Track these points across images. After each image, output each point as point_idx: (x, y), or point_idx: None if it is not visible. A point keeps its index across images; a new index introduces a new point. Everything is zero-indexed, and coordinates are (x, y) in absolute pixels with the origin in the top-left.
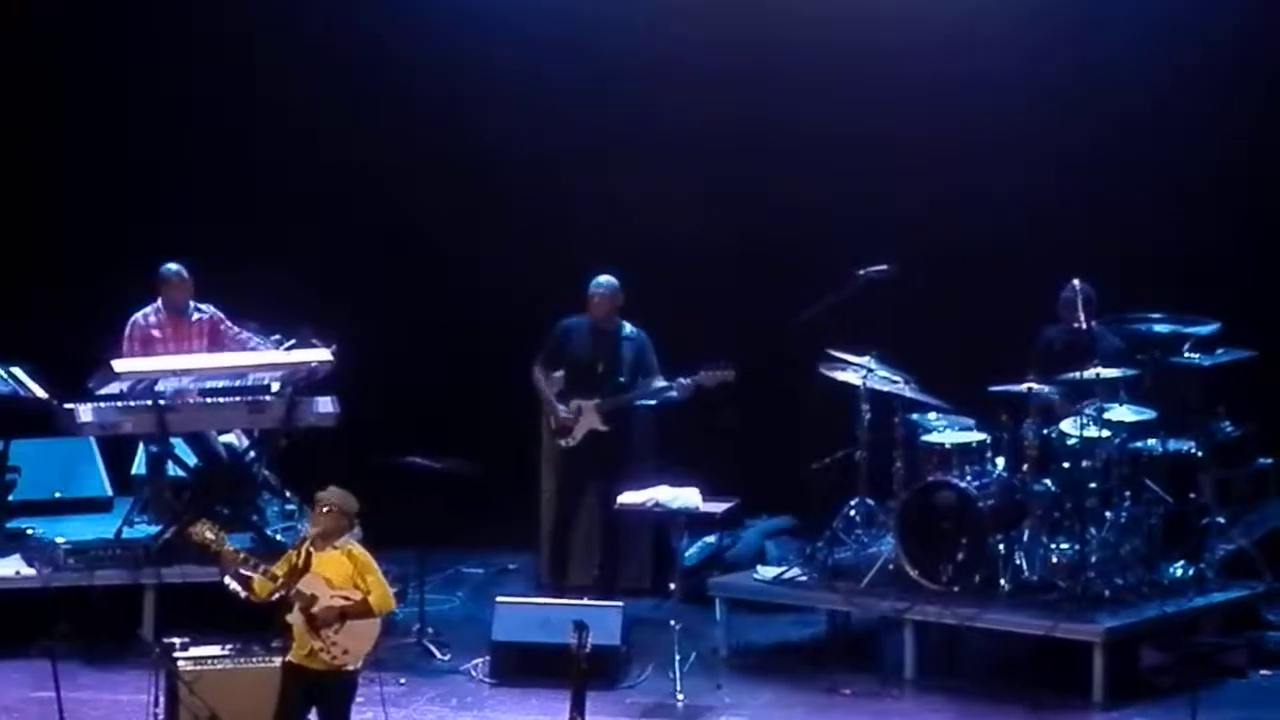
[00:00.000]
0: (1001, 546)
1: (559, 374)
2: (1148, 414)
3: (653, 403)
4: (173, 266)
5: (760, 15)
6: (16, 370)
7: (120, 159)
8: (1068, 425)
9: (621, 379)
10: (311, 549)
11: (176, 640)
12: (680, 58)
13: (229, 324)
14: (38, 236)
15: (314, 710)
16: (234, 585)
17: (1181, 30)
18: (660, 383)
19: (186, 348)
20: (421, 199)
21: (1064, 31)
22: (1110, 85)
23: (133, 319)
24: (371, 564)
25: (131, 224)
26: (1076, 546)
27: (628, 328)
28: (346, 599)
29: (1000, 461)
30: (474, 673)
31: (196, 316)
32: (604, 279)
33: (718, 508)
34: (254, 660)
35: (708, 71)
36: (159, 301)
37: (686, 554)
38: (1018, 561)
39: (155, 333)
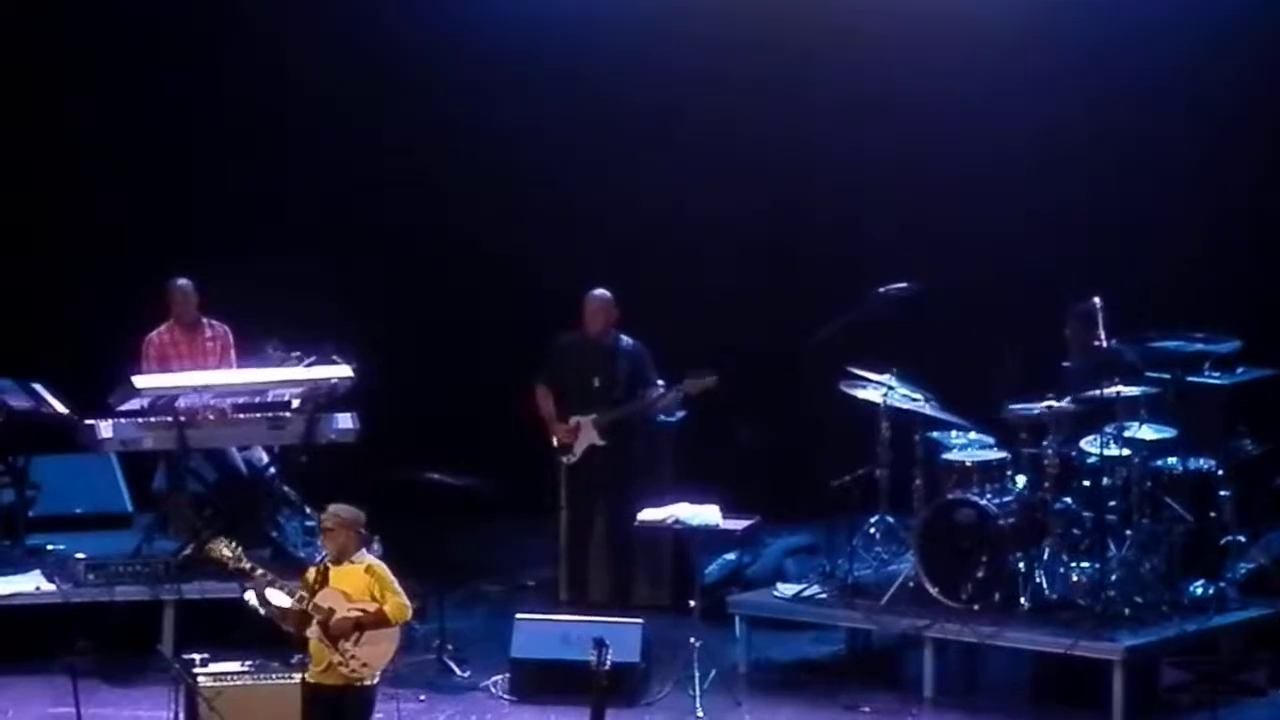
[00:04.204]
0: (1021, 564)
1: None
2: (1168, 432)
3: (660, 417)
4: (180, 280)
5: (792, 33)
6: (37, 386)
7: (142, 175)
8: (1088, 443)
9: (619, 392)
10: (329, 564)
11: (196, 656)
12: (711, 78)
13: (233, 352)
14: (55, 253)
15: None
16: (254, 603)
17: (1206, 50)
18: (654, 392)
19: (202, 363)
20: (445, 215)
21: (1088, 51)
22: (1132, 103)
23: (148, 337)
24: (388, 577)
25: (153, 238)
26: (1097, 565)
27: (624, 340)
28: (363, 611)
29: (1020, 479)
30: (493, 689)
31: (210, 332)
32: (599, 292)
33: (738, 525)
34: (273, 676)
35: (737, 90)
36: (171, 319)
37: (706, 571)
38: (1038, 580)
39: (170, 350)
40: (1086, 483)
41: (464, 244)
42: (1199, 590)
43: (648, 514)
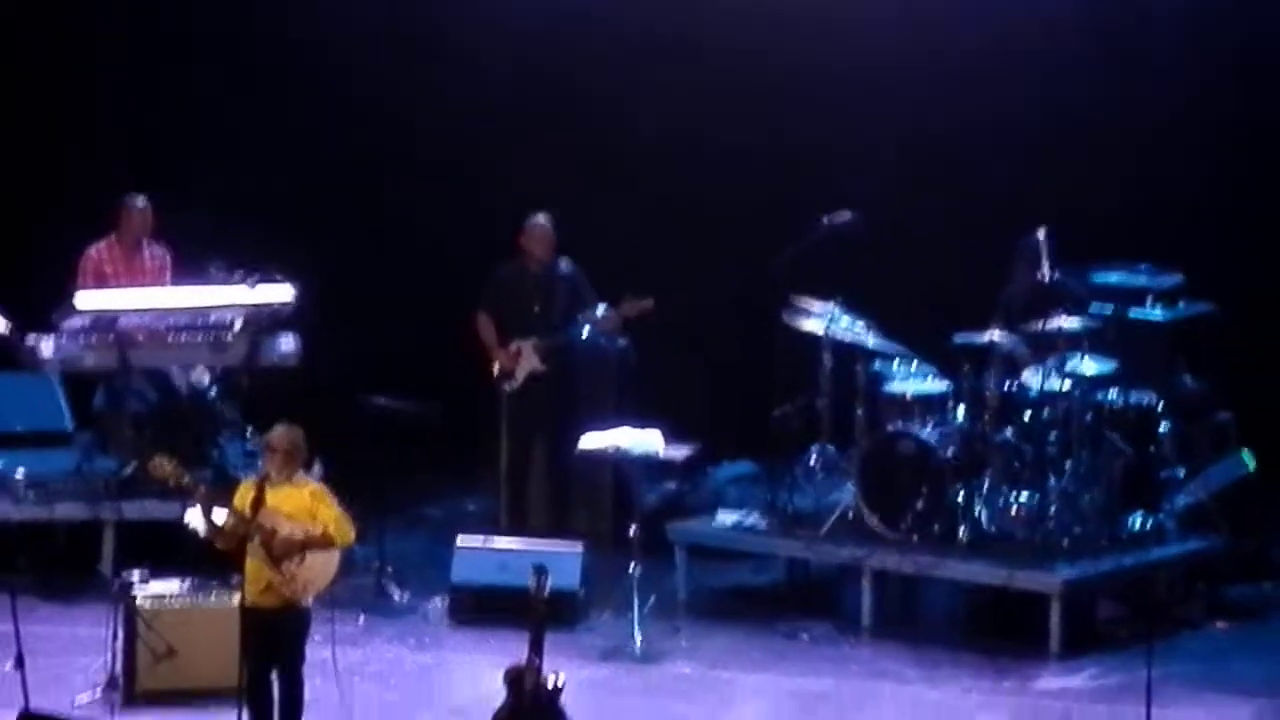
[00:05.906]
0: (961, 497)
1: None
2: (1109, 366)
3: (600, 340)
4: (139, 199)
5: None
6: None
7: (92, 92)
8: (1029, 376)
9: (557, 317)
10: (266, 484)
11: (135, 575)
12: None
13: (169, 274)
14: None
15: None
16: (194, 523)
17: None
18: (592, 314)
19: (140, 282)
20: (389, 138)
21: None
22: (1071, 33)
23: (86, 252)
24: (328, 497)
25: (89, 159)
26: (1036, 497)
27: (562, 265)
28: (306, 531)
29: (961, 412)
30: (432, 613)
31: (149, 253)
32: (539, 218)
33: (679, 453)
34: (212, 596)
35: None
36: (113, 235)
37: (647, 499)
38: (977, 512)
39: (107, 267)
40: (1027, 416)
41: (411, 168)
42: (1137, 524)
43: (589, 440)
